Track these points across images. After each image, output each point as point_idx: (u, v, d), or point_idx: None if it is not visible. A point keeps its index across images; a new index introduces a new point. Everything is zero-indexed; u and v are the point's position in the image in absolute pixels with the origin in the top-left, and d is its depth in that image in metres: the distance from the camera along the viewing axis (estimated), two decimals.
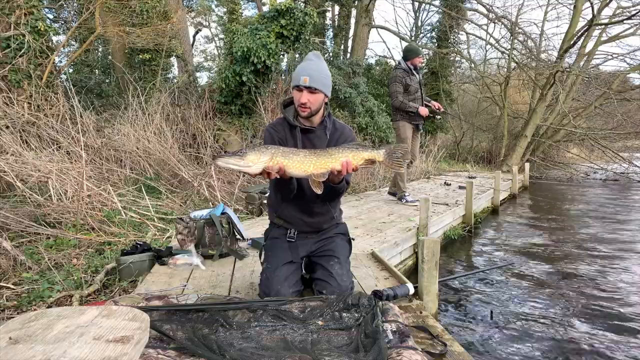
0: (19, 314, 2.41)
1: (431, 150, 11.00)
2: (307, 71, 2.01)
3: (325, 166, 1.87)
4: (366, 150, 1.91)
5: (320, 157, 1.87)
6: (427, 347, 1.70)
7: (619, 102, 12.54)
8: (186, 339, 1.51)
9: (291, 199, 2.12)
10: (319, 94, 2.04)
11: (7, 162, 4.39)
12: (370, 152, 1.91)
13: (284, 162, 1.83)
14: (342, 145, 1.94)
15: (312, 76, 2.00)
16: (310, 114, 2.07)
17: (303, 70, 2.02)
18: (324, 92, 2.06)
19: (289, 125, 2.15)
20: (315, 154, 1.88)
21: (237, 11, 12.54)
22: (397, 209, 5.19)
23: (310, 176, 1.88)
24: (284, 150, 1.85)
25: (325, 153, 1.88)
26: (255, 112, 7.82)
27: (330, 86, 2.11)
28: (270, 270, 2.08)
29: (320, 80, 2.03)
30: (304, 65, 2.05)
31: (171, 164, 6.16)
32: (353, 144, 1.96)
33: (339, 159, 1.87)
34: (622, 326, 3.15)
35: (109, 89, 9.39)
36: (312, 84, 2.00)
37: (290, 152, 1.86)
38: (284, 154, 1.84)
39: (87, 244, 3.59)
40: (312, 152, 1.90)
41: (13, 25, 5.82)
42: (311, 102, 2.03)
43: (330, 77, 2.11)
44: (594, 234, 6.03)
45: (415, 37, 17.04)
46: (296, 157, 1.85)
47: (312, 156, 1.87)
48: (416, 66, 5.23)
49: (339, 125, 2.23)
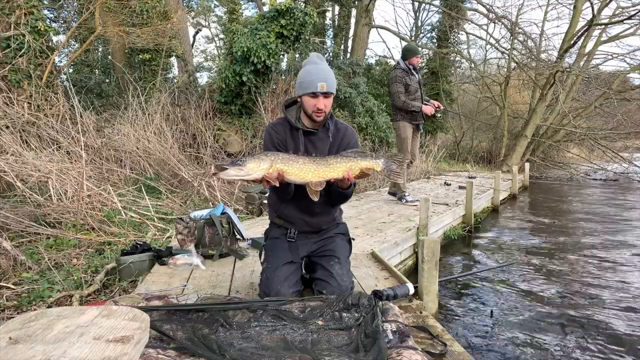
0: (19, 314, 2.41)
1: (431, 150, 10.99)
2: (322, 77, 2.00)
3: (323, 175, 1.88)
4: (365, 160, 1.92)
5: (319, 165, 1.88)
6: (427, 347, 1.70)
7: (619, 102, 12.54)
8: (186, 339, 1.51)
9: (292, 199, 2.12)
10: (331, 97, 2.07)
11: (7, 162, 4.39)
12: (369, 162, 1.92)
13: (283, 168, 1.83)
14: (341, 154, 1.94)
15: (328, 82, 2.00)
16: (324, 118, 2.09)
17: (317, 77, 2.00)
18: (334, 93, 2.08)
19: (290, 126, 2.13)
20: (314, 162, 1.88)
21: (237, 11, 12.55)
22: (397, 209, 5.19)
23: (308, 184, 1.89)
24: (283, 157, 1.85)
25: (324, 162, 1.89)
26: (255, 112, 7.82)
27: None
28: (270, 270, 2.08)
29: (333, 84, 2.05)
30: (314, 70, 2.02)
31: (171, 164, 6.16)
32: (352, 151, 1.96)
33: (338, 169, 1.89)
34: (622, 326, 3.14)
35: (109, 89, 9.39)
36: (329, 89, 2.01)
37: (289, 159, 1.86)
38: (283, 160, 1.84)
39: (87, 244, 3.60)
40: (312, 160, 1.90)
41: (13, 25, 5.82)
42: (327, 106, 2.05)
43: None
44: (594, 234, 6.03)
45: (415, 37, 17.03)
46: (295, 165, 1.86)
47: (311, 164, 1.88)
48: (415, 66, 5.22)
49: (341, 125, 2.23)
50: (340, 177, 1.89)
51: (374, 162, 1.93)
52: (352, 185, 2.05)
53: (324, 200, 2.10)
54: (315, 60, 2.08)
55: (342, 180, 1.93)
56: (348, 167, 1.89)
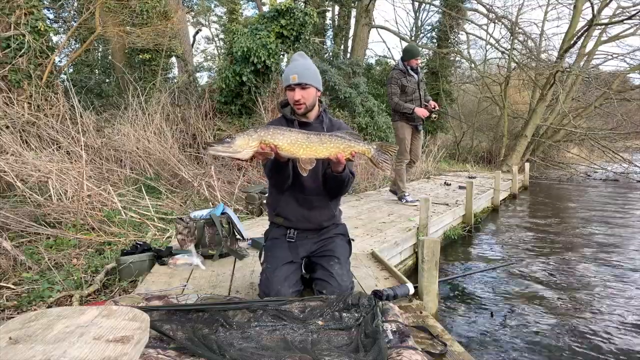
0: (19, 314, 2.41)
1: (431, 150, 10.99)
2: (294, 70, 2.07)
3: (314, 152, 1.85)
4: (358, 143, 1.91)
5: (311, 141, 1.85)
6: (427, 347, 1.70)
7: (619, 102, 12.54)
8: (186, 339, 1.51)
9: (290, 191, 2.14)
10: (310, 89, 2.09)
11: (7, 162, 4.39)
12: (361, 146, 1.91)
13: (274, 142, 1.80)
14: (334, 134, 1.92)
15: (299, 73, 2.06)
16: (306, 109, 2.12)
17: (290, 70, 2.08)
18: (315, 86, 2.11)
19: (286, 121, 2.18)
20: (306, 137, 1.85)
21: (237, 11, 12.56)
22: (397, 209, 5.19)
23: (298, 160, 1.86)
24: (274, 131, 1.82)
25: (317, 139, 1.86)
26: (255, 112, 7.82)
27: (319, 80, 2.15)
28: (270, 270, 2.08)
29: (308, 76, 2.08)
30: (290, 66, 2.12)
31: (171, 164, 6.16)
32: (346, 132, 1.95)
33: (329, 147, 1.86)
34: (622, 325, 3.15)
35: (109, 89, 9.40)
36: (301, 80, 2.05)
37: (280, 133, 1.82)
38: (273, 135, 1.81)
39: (87, 244, 3.59)
40: (304, 134, 1.86)
41: (13, 25, 5.82)
42: (304, 97, 2.08)
43: (317, 72, 2.15)
44: (594, 234, 6.03)
45: (415, 37, 17.03)
46: (286, 138, 1.82)
47: (304, 139, 1.84)
48: (413, 67, 5.20)
49: (336, 121, 2.27)
50: (332, 156, 1.87)
51: (366, 147, 1.92)
52: (348, 171, 2.05)
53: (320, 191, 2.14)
54: (294, 58, 2.16)
55: (333, 162, 1.92)
56: (341, 147, 1.87)
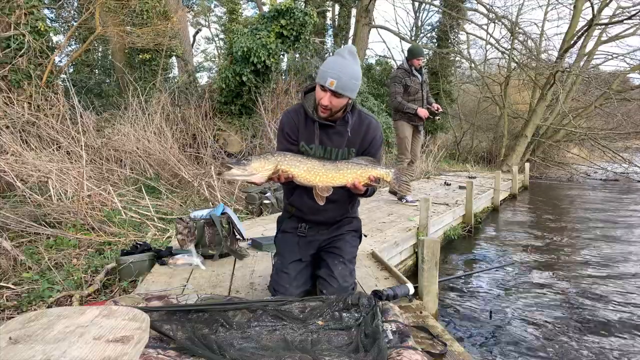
0: (19, 314, 2.41)
1: (431, 150, 10.99)
2: (337, 73, 1.79)
3: (331, 181, 1.83)
4: (375, 169, 1.89)
5: (327, 170, 1.82)
6: (427, 347, 1.70)
7: (619, 102, 12.52)
8: (186, 339, 1.51)
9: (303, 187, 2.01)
10: (343, 99, 1.86)
11: (7, 162, 4.39)
12: (379, 170, 1.90)
13: (289, 170, 1.77)
14: (352, 160, 1.89)
15: (340, 80, 1.79)
16: (330, 115, 1.93)
17: (331, 70, 1.80)
18: (350, 96, 1.87)
19: (305, 115, 1.99)
20: (323, 167, 1.82)
21: (237, 11, 12.56)
22: (397, 209, 5.19)
23: (315, 188, 1.84)
24: (290, 159, 1.79)
25: (334, 167, 1.83)
26: (255, 112, 7.82)
27: (357, 89, 1.91)
28: (279, 269, 2.09)
29: (349, 86, 1.82)
30: (334, 64, 1.82)
31: (171, 164, 6.16)
32: (364, 158, 1.92)
33: (347, 175, 1.84)
34: (622, 325, 3.14)
35: (109, 89, 9.41)
36: (338, 89, 1.80)
37: (296, 161, 1.80)
38: (290, 162, 1.78)
39: (87, 244, 3.59)
40: (320, 163, 1.83)
41: (13, 25, 5.82)
42: (334, 105, 1.86)
43: (360, 80, 1.90)
44: (594, 234, 6.03)
45: (415, 37, 17.03)
46: (302, 167, 1.79)
47: (320, 168, 1.81)
48: (416, 67, 5.20)
49: (365, 117, 2.04)
50: (349, 183, 1.84)
51: (384, 172, 1.90)
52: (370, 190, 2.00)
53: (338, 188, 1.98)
54: (343, 54, 1.86)
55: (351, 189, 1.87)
56: (358, 174, 1.84)
